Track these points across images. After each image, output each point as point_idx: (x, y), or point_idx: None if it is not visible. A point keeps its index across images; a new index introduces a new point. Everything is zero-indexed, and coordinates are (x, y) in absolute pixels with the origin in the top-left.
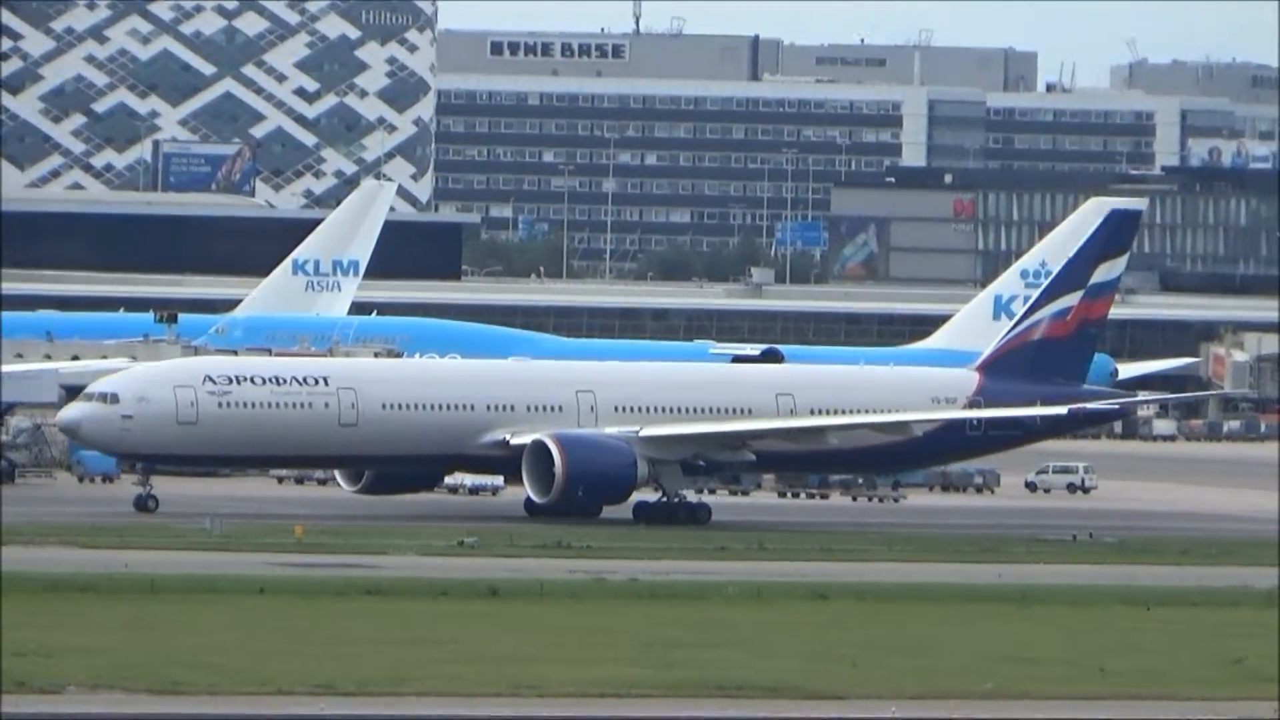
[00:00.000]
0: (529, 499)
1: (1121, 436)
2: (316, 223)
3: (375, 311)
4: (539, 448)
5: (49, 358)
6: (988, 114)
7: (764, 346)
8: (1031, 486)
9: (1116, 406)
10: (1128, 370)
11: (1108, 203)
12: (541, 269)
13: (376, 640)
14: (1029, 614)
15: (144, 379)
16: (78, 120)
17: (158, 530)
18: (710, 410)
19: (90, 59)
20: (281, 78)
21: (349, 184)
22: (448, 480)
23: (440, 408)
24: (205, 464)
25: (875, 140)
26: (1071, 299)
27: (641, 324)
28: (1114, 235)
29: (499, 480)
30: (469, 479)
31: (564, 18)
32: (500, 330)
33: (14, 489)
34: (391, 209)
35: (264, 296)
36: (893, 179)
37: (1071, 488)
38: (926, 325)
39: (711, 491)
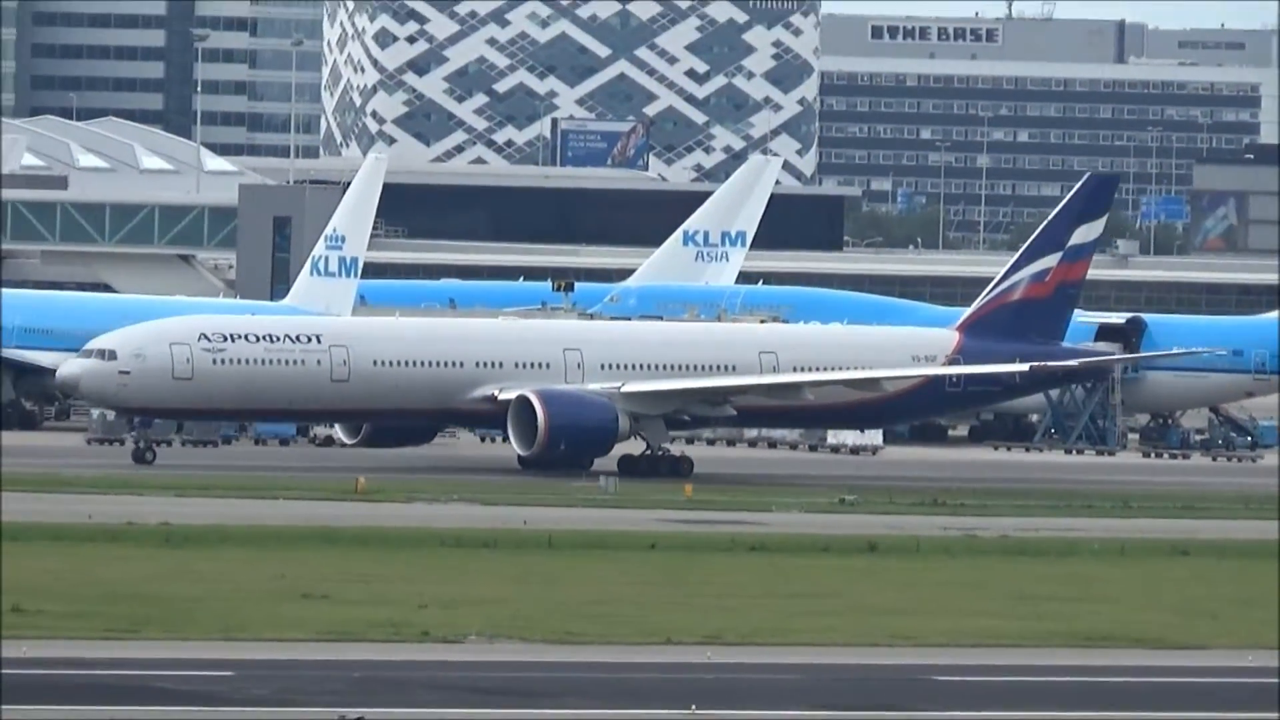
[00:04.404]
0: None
1: None
2: (706, 196)
3: (761, 281)
4: (523, 403)
5: None
6: None
7: (1128, 315)
8: None
9: (1075, 364)
10: None
11: None
12: (919, 240)
13: (761, 593)
14: None
15: (141, 336)
16: (480, 99)
17: (554, 489)
18: (695, 367)
19: (492, 41)
20: (673, 60)
21: (737, 159)
22: (830, 440)
23: (430, 364)
24: (200, 418)
25: (1234, 119)
26: (1050, 261)
27: None
28: (1092, 200)
29: (879, 439)
30: (849, 438)
31: (940, 3)
32: (880, 299)
33: (427, 448)
34: (777, 183)
35: (656, 266)
36: (1251, 155)
37: None
38: None
39: (1080, 452)
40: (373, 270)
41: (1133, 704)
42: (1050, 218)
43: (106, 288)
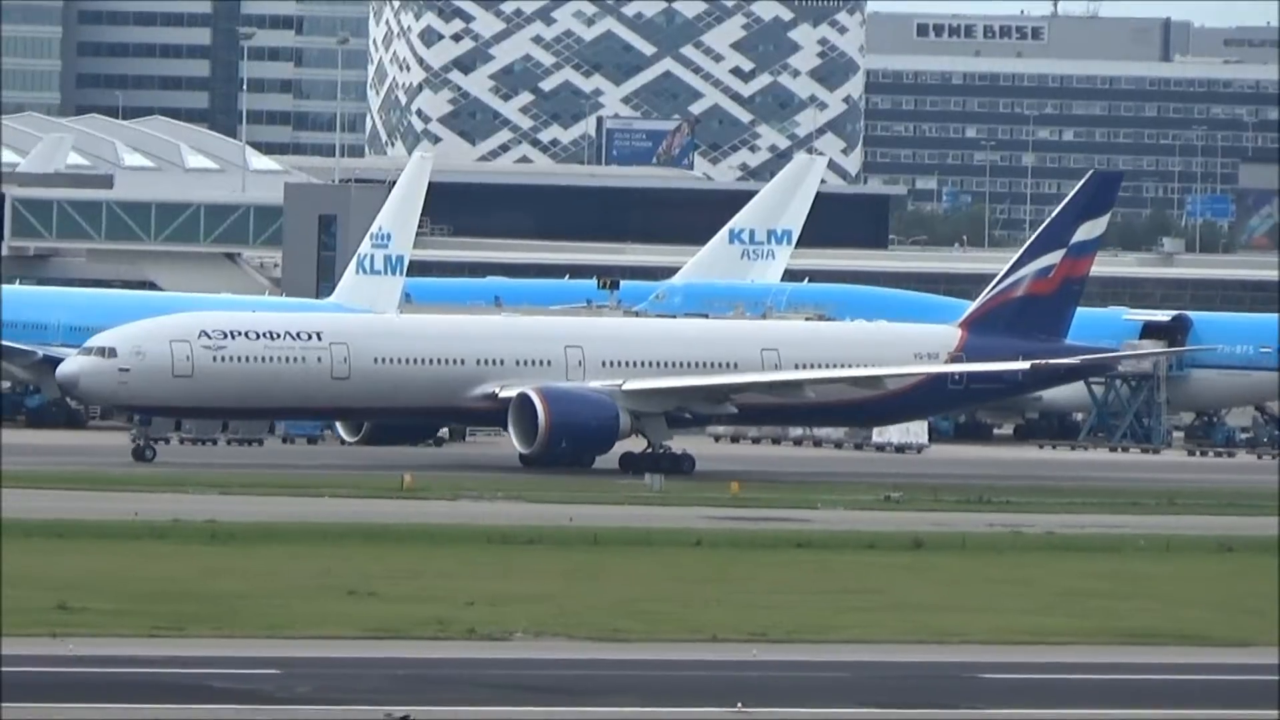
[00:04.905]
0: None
1: None
2: (751, 195)
3: (807, 279)
4: (524, 400)
5: None
6: None
7: (1174, 313)
8: None
9: (1077, 362)
10: None
11: None
12: (964, 238)
13: (806, 590)
14: None
15: (141, 334)
16: (525, 98)
17: (600, 486)
18: (696, 364)
19: (538, 39)
20: (718, 58)
21: (782, 158)
22: (875, 438)
23: (430, 362)
24: (200, 416)
25: None
26: (1054, 257)
27: None
28: (1096, 197)
29: (924, 438)
30: (894, 436)
31: (986, 2)
32: (925, 297)
33: (463, 446)
34: (822, 181)
35: (701, 264)
36: None
37: None
38: None
39: (1125, 450)
40: (418, 268)
41: (1177, 700)
42: (1054, 214)
43: (152, 286)
